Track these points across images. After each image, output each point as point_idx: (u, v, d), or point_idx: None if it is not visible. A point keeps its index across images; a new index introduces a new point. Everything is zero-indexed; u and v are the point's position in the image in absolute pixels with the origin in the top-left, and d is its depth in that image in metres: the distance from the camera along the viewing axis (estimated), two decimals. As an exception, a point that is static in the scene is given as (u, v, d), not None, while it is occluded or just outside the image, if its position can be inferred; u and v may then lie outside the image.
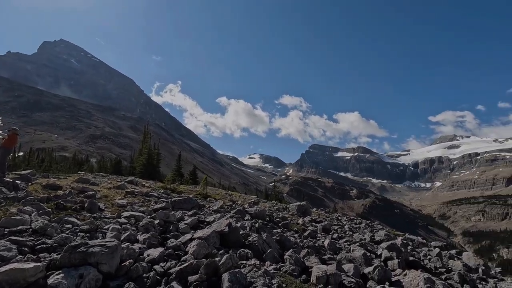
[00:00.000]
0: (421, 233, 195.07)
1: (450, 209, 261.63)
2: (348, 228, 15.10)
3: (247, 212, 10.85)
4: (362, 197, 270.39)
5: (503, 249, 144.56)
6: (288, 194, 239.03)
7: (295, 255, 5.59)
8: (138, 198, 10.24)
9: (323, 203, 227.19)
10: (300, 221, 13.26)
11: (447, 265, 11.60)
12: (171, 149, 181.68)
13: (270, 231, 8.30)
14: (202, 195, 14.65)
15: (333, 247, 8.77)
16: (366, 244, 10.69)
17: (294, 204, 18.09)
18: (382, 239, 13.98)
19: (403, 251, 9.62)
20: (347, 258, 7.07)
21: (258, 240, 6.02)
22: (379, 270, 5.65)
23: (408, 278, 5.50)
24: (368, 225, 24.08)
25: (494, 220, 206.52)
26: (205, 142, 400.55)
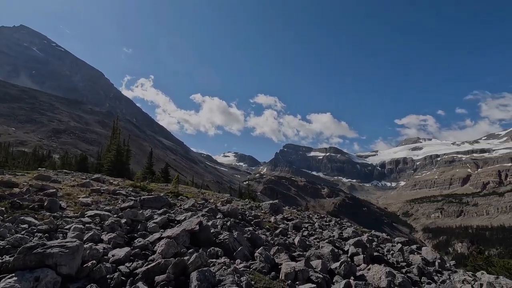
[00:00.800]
0: (386, 229, 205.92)
1: (413, 207, 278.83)
2: (318, 226, 15.55)
3: (219, 210, 10.78)
4: (333, 196, 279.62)
5: (458, 244, 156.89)
6: (262, 192, 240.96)
7: (265, 252, 5.65)
8: (104, 197, 9.79)
9: (295, 202, 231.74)
10: (272, 219, 13.43)
11: (408, 259, 12.36)
12: (142, 146, 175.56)
13: (242, 229, 8.32)
14: (173, 194, 14.32)
15: (303, 244, 8.99)
16: (335, 241, 11.09)
17: (267, 203, 18.28)
18: (349, 236, 14.57)
19: (368, 247, 10.09)
20: (316, 255, 7.28)
21: (229, 239, 6.01)
22: (345, 265, 5.88)
23: (372, 272, 5.78)
24: (338, 222, 24.97)
25: (451, 217, 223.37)
26: (178, 140, 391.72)
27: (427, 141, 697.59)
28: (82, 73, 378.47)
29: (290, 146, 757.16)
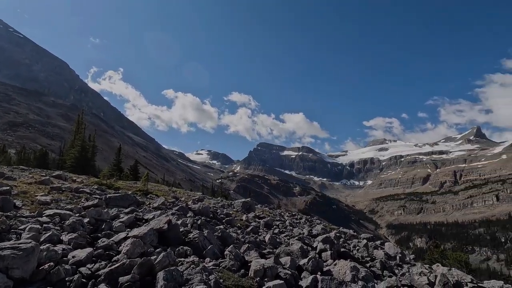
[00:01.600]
0: (354, 226, 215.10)
1: (378, 205, 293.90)
2: (289, 223, 15.88)
3: (190, 209, 10.60)
4: (304, 194, 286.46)
5: (418, 239, 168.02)
6: (235, 191, 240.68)
7: (235, 250, 5.66)
8: (66, 195, 9.21)
9: (268, 200, 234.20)
10: (244, 218, 13.48)
11: (372, 254, 13.03)
12: (110, 141, 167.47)
13: (213, 227, 8.26)
14: (142, 192, 13.85)
15: (274, 241, 9.13)
16: (304, 238, 11.40)
17: (239, 201, 18.30)
18: (319, 233, 15.05)
19: (335, 243, 10.50)
20: (285, 252, 7.43)
21: (199, 237, 5.94)
22: (312, 261, 6.06)
23: (338, 267, 6.02)
24: (308, 220, 25.63)
25: (412, 214, 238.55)
26: (149, 136, 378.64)
27: (392, 142, 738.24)
28: (43, 63, 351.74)
29: (264, 145, 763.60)
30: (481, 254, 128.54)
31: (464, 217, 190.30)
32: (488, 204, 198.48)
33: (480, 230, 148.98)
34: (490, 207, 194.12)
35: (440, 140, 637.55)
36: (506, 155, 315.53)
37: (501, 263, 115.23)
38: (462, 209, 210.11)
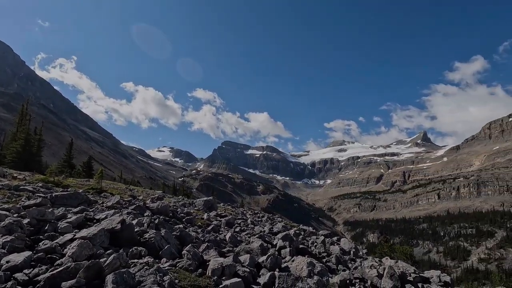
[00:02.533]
0: (313, 223, 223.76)
1: (336, 203, 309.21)
2: (251, 222, 15.98)
3: (148, 208, 10.15)
4: (267, 193, 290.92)
5: (370, 234, 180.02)
6: (198, 189, 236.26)
7: (193, 249, 5.53)
8: (3, 193, 8.25)
9: (231, 198, 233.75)
10: (205, 216, 13.26)
11: (329, 250, 13.65)
12: (60, 135, 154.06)
13: (171, 227, 7.99)
14: (95, 190, 12.94)
15: (234, 240, 9.11)
16: (265, 236, 11.56)
17: (201, 200, 17.97)
18: (279, 230, 15.37)
19: (294, 240, 10.80)
20: (245, 250, 7.45)
21: (155, 237, 5.69)
22: (271, 258, 6.15)
23: (295, 264, 6.19)
24: (269, 218, 26.06)
25: (366, 211, 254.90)
26: (106, 131, 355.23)
27: (350, 144, 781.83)
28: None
29: (229, 143, 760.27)
30: (424, 247, 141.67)
31: (410, 213, 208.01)
32: (431, 202, 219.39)
33: (424, 225, 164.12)
34: (432, 205, 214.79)
35: (392, 143, 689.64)
36: (447, 157, 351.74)
37: (440, 254, 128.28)
38: (409, 206, 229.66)
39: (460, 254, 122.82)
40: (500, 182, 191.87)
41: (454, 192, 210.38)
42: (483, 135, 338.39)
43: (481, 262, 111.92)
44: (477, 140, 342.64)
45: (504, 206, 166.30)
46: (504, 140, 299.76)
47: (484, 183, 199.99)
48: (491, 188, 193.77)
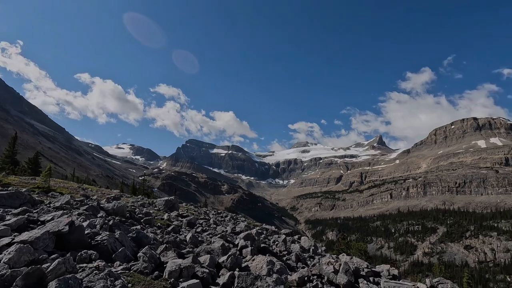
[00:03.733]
0: (276, 223, 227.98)
1: (299, 202, 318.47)
2: (213, 222, 15.80)
3: (102, 208, 9.53)
4: (232, 192, 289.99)
5: (330, 232, 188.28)
6: (160, 188, 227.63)
7: (150, 251, 5.30)
8: None
9: (195, 198, 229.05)
10: (165, 217, 12.82)
11: (289, 248, 13.99)
12: (2, 128, 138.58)
13: (128, 228, 7.58)
14: (42, 189, 11.83)
15: (195, 240, 8.92)
16: (227, 236, 11.50)
17: (162, 199, 17.36)
18: (242, 230, 15.40)
19: (256, 239, 10.89)
20: (206, 250, 7.34)
21: (108, 239, 5.35)
22: (231, 258, 6.13)
23: (255, 263, 6.23)
24: (233, 218, 26.00)
25: (326, 210, 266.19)
26: (57, 125, 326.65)
27: (313, 145, 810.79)
28: None
29: (193, 142, 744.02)
30: (377, 243, 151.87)
31: (366, 212, 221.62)
32: (384, 201, 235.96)
33: (378, 223, 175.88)
34: (385, 204, 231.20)
35: (352, 146, 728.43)
36: (399, 160, 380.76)
37: (391, 250, 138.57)
38: (365, 205, 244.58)
39: (408, 249, 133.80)
40: (443, 183, 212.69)
41: (404, 192, 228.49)
42: (430, 140, 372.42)
43: (425, 255, 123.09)
44: (425, 144, 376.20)
45: (445, 204, 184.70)
46: (447, 145, 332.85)
47: (429, 184, 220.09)
48: (435, 188, 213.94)
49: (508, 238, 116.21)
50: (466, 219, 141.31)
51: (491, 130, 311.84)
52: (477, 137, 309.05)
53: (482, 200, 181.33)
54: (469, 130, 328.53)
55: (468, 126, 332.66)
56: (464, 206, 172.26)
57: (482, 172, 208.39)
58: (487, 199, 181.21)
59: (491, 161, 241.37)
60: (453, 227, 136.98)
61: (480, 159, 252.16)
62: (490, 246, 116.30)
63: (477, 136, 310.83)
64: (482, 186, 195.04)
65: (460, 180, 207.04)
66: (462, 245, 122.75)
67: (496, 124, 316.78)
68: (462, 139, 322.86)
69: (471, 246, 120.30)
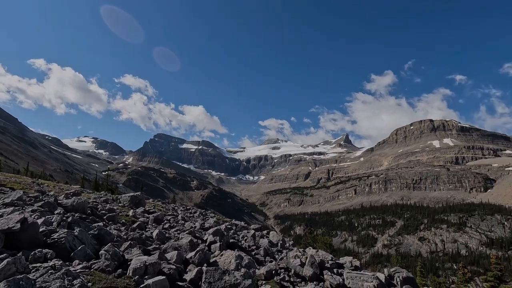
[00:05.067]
0: (246, 218, 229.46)
1: (268, 198, 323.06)
2: (181, 218, 15.49)
3: (60, 204, 8.90)
4: (202, 188, 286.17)
5: (297, 227, 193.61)
6: (125, 184, 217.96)
7: (113, 249, 5.06)
8: None
9: (163, 194, 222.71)
10: (130, 213, 12.32)
11: (258, 243, 14.17)
12: None
13: (89, 225, 7.17)
14: (-11, 184, 10.76)
15: (162, 237, 8.69)
16: (195, 232, 11.34)
17: (127, 195, 16.64)
18: (211, 225, 15.29)
19: (225, 235, 10.88)
20: (173, 246, 7.17)
21: (66, 237, 5.02)
22: (200, 254, 6.06)
23: (224, 258, 6.23)
24: (202, 214, 25.72)
25: (295, 206, 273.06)
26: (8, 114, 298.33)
27: (283, 142, 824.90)
28: None
29: (162, 136, 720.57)
30: (342, 236, 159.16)
31: (332, 207, 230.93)
32: (349, 197, 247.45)
33: (342, 217, 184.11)
34: (350, 199, 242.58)
35: (320, 143, 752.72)
36: (363, 158, 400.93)
37: (354, 243, 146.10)
38: (331, 201, 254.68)
39: (369, 242, 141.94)
40: (402, 180, 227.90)
41: (367, 188, 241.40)
42: (391, 139, 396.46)
43: (385, 247, 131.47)
44: (387, 143, 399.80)
45: (403, 199, 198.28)
46: (406, 145, 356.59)
47: (390, 181, 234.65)
48: (395, 184, 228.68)
49: (456, 230, 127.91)
50: (421, 213, 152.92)
51: (444, 131, 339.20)
52: (432, 137, 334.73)
53: (435, 196, 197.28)
54: (425, 131, 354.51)
55: (425, 127, 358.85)
56: (419, 201, 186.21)
57: (436, 170, 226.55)
58: (439, 195, 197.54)
59: (443, 159, 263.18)
60: (409, 221, 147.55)
61: (434, 158, 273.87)
62: (441, 237, 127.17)
63: (432, 137, 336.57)
64: (435, 183, 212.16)
65: (416, 177, 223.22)
66: (417, 237, 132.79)
67: (449, 126, 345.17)
68: (420, 139, 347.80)
69: (424, 237, 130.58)
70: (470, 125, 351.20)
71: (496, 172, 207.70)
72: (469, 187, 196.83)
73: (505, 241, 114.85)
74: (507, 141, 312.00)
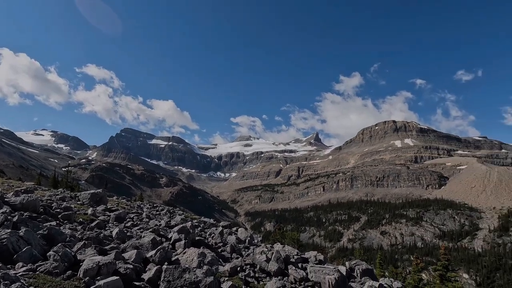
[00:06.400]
0: (216, 215, 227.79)
1: (239, 195, 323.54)
2: (146, 216, 14.95)
3: (7, 202, 8.15)
4: (171, 185, 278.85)
5: (268, 223, 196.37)
6: (88, 181, 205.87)
7: (63, 249, 4.72)
8: None
9: (130, 191, 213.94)
10: (90, 211, 11.64)
11: (225, 240, 14.11)
12: None
13: (38, 225, 6.64)
14: None
15: (122, 235, 8.31)
16: (160, 230, 11.01)
17: (87, 192, 15.71)
18: (177, 223, 14.93)
19: (191, 233, 10.69)
20: (133, 246, 6.89)
21: (9, 238, 4.59)
22: (160, 252, 5.88)
23: (186, 255, 6.09)
24: (169, 211, 25.07)
25: (265, 203, 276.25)
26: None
27: (255, 139, 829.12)
28: None
29: (129, 131, 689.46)
30: (310, 232, 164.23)
31: (301, 204, 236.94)
32: (317, 193, 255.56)
33: (311, 213, 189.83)
34: (318, 196, 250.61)
35: (291, 141, 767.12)
36: (332, 156, 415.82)
37: (322, 237, 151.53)
38: (301, 197, 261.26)
39: (336, 236, 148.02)
40: (367, 177, 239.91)
41: (335, 185, 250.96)
42: (358, 139, 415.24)
43: (350, 241, 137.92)
44: (354, 143, 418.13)
45: (367, 196, 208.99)
46: (371, 144, 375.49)
47: (356, 178, 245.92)
48: (360, 182, 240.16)
49: (413, 224, 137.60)
50: (383, 208, 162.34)
51: (405, 132, 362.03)
52: (395, 137, 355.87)
53: (396, 192, 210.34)
54: (389, 131, 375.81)
55: (389, 128, 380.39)
56: (382, 197, 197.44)
57: (397, 168, 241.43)
58: (399, 191, 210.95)
59: (404, 158, 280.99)
60: (372, 216, 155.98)
61: (396, 157, 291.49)
62: (400, 231, 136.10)
63: (395, 137, 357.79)
64: (397, 180, 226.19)
65: (380, 174, 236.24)
66: (379, 231, 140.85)
67: (409, 127, 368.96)
68: (384, 139, 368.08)
69: (385, 231, 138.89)
70: (428, 127, 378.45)
71: (449, 171, 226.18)
72: (426, 184, 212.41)
73: (455, 233, 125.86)
74: (459, 142, 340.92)
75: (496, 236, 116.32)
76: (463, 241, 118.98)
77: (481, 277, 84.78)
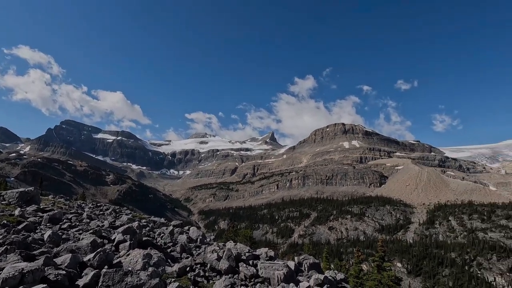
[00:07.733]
0: (168, 214, 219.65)
1: (193, 193, 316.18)
2: (87, 216, 13.72)
3: None
4: (119, 183, 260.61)
5: (222, 222, 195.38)
6: (19, 178, 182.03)
7: (-23, 256, 4.06)
8: None
9: (71, 190, 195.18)
10: (17, 212, 10.28)
11: (175, 240, 13.62)
12: None
13: None
14: None
15: (56, 238, 7.49)
16: (102, 231, 10.17)
17: (15, 191, 13.84)
18: (123, 223, 13.98)
19: (137, 233, 10.08)
20: (68, 249, 6.23)
21: None
22: (100, 255, 5.41)
23: (130, 257, 5.71)
24: (115, 210, 23.42)
25: (220, 201, 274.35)
26: None
27: (211, 137, 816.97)
28: None
29: (71, 123, 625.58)
30: (263, 229, 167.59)
31: (256, 201, 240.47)
32: (271, 191, 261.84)
33: (265, 211, 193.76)
34: (272, 194, 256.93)
35: (247, 140, 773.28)
36: (286, 155, 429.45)
37: (274, 234, 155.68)
38: (255, 195, 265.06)
39: (287, 233, 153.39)
40: (317, 176, 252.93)
41: (288, 183, 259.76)
42: (311, 139, 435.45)
43: (300, 237, 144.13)
44: (307, 143, 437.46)
45: (318, 193, 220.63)
46: (323, 144, 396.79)
47: (307, 177, 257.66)
48: (312, 180, 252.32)
49: (357, 219, 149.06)
50: (331, 205, 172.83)
51: (353, 134, 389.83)
52: (344, 139, 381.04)
53: (343, 190, 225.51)
54: (338, 133, 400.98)
55: (338, 130, 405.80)
56: (331, 195, 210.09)
57: (345, 167, 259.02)
58: (346, 189, 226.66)
59: (351, 159, 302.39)
60: (321, 212, 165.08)
61: (344, 157, 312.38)
62: (345, 226, 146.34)
63: (343, 138, 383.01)
64: (344, 179, 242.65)
65: (329, 173, 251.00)
66: (327, 226, 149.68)
67: (356, 129, 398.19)
68: (334, 140, 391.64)
69: (333, 227, 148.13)
70: (372, 130, 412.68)
71: (389, 170, 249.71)
72: (369, 182, 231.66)
73: (391, 227, 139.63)
74: (398, 145, 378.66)
75: (424, 228, 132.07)
76: (398, 234, 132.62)
77: (411, 265, 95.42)
